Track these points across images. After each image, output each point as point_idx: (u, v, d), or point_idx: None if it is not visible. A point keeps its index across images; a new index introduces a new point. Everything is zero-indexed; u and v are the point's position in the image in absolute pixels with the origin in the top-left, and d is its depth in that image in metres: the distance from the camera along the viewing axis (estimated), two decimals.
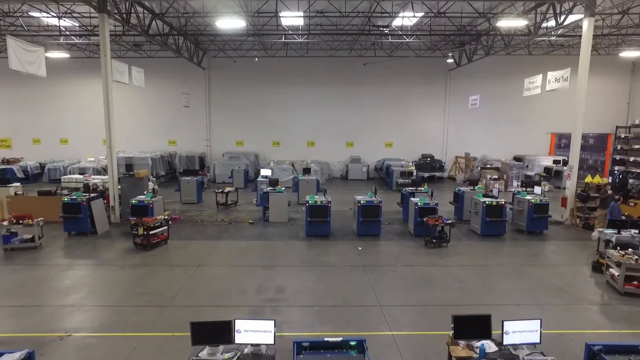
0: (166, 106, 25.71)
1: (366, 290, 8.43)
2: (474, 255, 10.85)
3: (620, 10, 15.83)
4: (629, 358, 4.11)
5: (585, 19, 13.43)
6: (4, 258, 10.30)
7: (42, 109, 25.82)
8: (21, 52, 10.00)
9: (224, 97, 25.95)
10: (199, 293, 8.19)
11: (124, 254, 10.72)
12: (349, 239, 12.23)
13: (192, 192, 17.37)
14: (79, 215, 11.99)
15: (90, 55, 24.25)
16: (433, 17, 17.22)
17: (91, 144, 25.69)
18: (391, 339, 6.51)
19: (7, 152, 26.04)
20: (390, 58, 24.28)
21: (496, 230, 12.64)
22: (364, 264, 10.04)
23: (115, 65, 14.11)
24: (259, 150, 26.30)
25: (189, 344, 4.77)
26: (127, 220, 12.86)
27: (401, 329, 6.85)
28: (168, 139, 26.55)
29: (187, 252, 10.99)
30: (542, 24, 16.31)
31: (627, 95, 26.45)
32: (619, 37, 20.53)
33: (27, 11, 16.28)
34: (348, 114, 25.98)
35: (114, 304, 7.72)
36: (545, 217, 12.92)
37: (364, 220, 12.31)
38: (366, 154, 26.15)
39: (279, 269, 9.65)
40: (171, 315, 7.29)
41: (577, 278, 9.32)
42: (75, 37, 20.09)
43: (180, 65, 24.20)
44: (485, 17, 17.45)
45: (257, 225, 13.88)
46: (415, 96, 25.94)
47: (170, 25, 18.87)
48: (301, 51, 24.34)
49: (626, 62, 25.38)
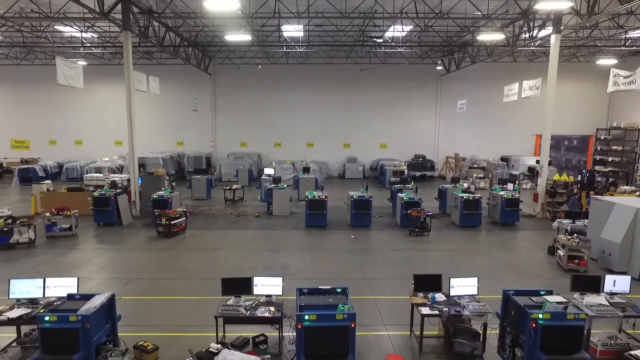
0: (174, 109, 27.45)
1: (356, 268, 10.18)
2: (450, 242, 12.60)
3: (588, 25, 17.57)
4: (529, 297, 5.84)
5: (552, 34, 15.18)
6: (47, 244, 12.05)
7: (58, 112, 27.57)
8: (66, 69, 11.75)
9: (229, 100, 27.69)
10: (217, 269, 9.92)
11: (149, 240, 12.48)
12: (343, 229, 13.98)
13: (202, 189, 19.10)
14: (107, 208, 13.74)
15: (104, 63, 25.96)
16: (420, 31, 18.96)
17: (104, 145, 27.53)
18: (373, 301, 8.26)
19: (25, 152, 27.82)
20: (385, 65, 26.05)
21: (473, 222, 14.39)
22: (355, 249, 11.79)
23: (136, 76, 15.82)
24: (261, 150, 28.05)
25: (213, 304, 6.48)
26: (148, 213, 14.61)
27: (381, 294, 8.60)
28: (176, 140, 28.30)
29: (203, 239, 12.74)
30: (518, 37, 18.07)
31: (607, 100, 28.20)
32: (594, 47, 22.27)
33: (53, 25, 17.98)
34: (345, 116, 27.72)
35: (150, 277, 9.47)
36: (516, 211, 14.66)
37: (357, 212, 14.06)
38: (362, 154, 27.90)
39: (282, 252, 11.39)
40: (197, 284, 9.04)
41: (534, 259, 11.06)
42: (94, 47, 21.75)
43: (187, 71, 25.93)
44: (468, 30, 19.21)
45: (262, 218, 15.62)
46: (408, 100, 27.68)
47: (181, 36, 20.61)
48: (301, 59, 26.09)
49: (606, 69, 27.05)
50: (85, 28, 18.07)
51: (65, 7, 14.78)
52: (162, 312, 7.70)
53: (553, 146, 31.03)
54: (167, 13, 15.90)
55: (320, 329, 5.16)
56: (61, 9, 14.73)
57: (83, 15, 16.03)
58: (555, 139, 30.61)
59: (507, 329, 5.88)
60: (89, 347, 5.22)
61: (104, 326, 5.68)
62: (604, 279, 6.63)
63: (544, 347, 5.21)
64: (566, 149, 30.50)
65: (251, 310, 6.22)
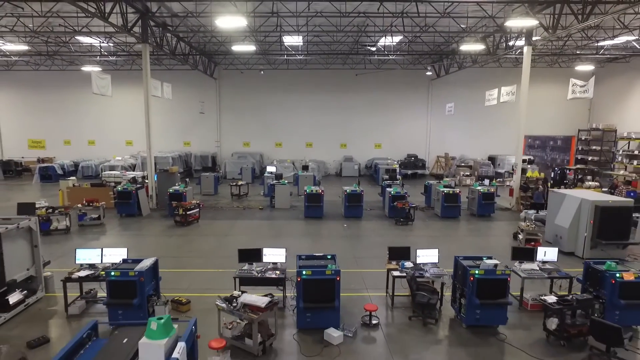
0: (182, 112, 29.27)
1: (347, 249, 12.02)
2: (430, 230, 14.44)
3: (556, 38, 19.41)
4: (472, 261, 7.65)
5: (525, 46, 17.01)
6: (79, 231, 13.88)
7: (72, 114, 29.40)
8: (98, 80, 13.58)
9: (233, 103, 29.53)
10: (229, 250, 11.72)
11: (167, 228, 14.31)
12: (338, 219, 15.82)
13: (210, 186, 20.93)
14: (130, 201, 15.57)
15: (117, 68, 27.77)
16: (409, 42, 20.80)
17: (115, 145, 29.37)
18: (359, 273, 10.10)
19: (41, 152, 29.64)
20: (379, 70, 27.90)
21: (453, 213, 16.22)
22: (347, 235, 13.64)
23: (152, 83, 17.62)
24: (263, 150, 29.90)
25: (229, 274, 8.28)
26: (164, 206, 16.44)
27: (366, 268, 10.44)
28: (183, 141, 30.13)
29: (214, 227, 14.57)
30: (497, 47, 19.92)
31: (588, 102, 30.02)
32: (572, 55, 24.10)
33: (74, 36, 19.78)
34: (342, 118, 29.56)
35: (173, 256, 11.29)
36: (491, 203, 16.50)
37: (349, 205, 15.91)
38: (358, 153, 29.74)
39: (284, 237, 13.22)
40: (214, 261, 10.87)
41: (499, 243, 12.90)
42: (110, 55, 23.55)
43: (194, 76, 27.74)
44: (454, 40, 21.05)
45: (266, 210, 17.46)
46: (401, 103, 29.51)
47: (191, 45, 22.43)
48: (300, 65, 27.92)
49: (587, 74, 28.91)
50: (106, 39, 19.87)
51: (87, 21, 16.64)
52: (188, 280, 9.54)
53: (539, 146, 33.03)
54: (181, 29, 17.72)
55: (314, 281, 7.00)
56: (87, 24, 16.55)
57: (104, 28, 17.93)
58: (541, 140, 32.57)
59: (456, 285, 7.73)
60: (142, 296, 7.05)
61: (151, 282, 7.51)
62: (537, 250, 8.48)
63: (479, 295, 7.05)
64: (551, 148, 32.42)
65: (261, 273, 8.06)
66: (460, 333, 7.30)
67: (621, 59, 25.96)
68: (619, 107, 27.15)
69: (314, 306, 7.03)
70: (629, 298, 7.11)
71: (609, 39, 19.59)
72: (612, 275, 7.20)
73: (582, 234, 11.25)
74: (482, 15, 16.32)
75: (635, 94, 25.61)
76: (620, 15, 16.19)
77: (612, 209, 10.91)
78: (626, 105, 26.40)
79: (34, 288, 8.15)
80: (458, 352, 6.70)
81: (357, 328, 7.31)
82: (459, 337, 7.18)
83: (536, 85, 28.16)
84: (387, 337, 7.15)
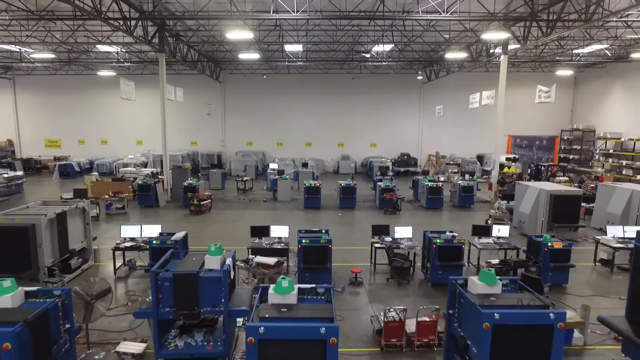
0: (189, 113, 31.23)
1: (340, 232, 13.99)
2: (414, 218, 16.42)
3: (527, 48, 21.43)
4: (437, 234, 9.62)
5: (501, 55, 19.00)
6: (107, 218, 15.86)
7: (87, 115, 31.36)
8: (124, 87, 15.55)
9: (237, 105, 31.52)
10: (239, 233, 13.69)
11: (183, 217, 16.29)
12: (334, 209, 17.80)
13: (217, 181, 22.91)
14: (149, 193, 17.55)
15: (130, 72, 29.74)
16: (399, 50, 22.81)
17: (126, 144, 31.35)
18: (349, 249, 12.08)
19: (57, 151, 31.61)
20: (374, 74, 29.90)
21: (436, 205, 18.20)
22: (342, 222, 15.62)
23: (166, 87, 19.59)
24: (265, 149, 31.89)
25: (243, 251, 10.24)
26: (178, 198, 18.41)
27: (355, 246, 12.43)
28: (190, 140, 32.12)
29: (225, 216, 16.55)
30: (479, 54, 21.92)
31: (570, 104, 32.04)
32: (551, 61, 26.11)
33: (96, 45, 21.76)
34: (339, 119, 31.55)
35: (192, 237, 13.21)
36: (471, 196, 18.47)
37: (344, 197, 17.89)
38: (354, 152, 31.74)
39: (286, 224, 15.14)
40: (228, 241, 12.84)
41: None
42: (125, 61, 25.54)
43: (201, 80, 29.72)
44: (440, 49, 23.05)
45: (269, 202, 19.43)
46: (395, 104, 31.50)
47: (200, 52, 24.42)
48: (300, 69, 29.91)
49: (570, 78, 30.96)
50: (124, 48, 21.85)
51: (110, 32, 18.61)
52: None
53: (527, 145, 35.01)
54: (193, 39, 19.70)
55: (311, 248, 8.97)
56: (110, 35, 18.54)
57: (123, 39, 19.91)
58: (528, 139, 34.56)
59: (424, 253, 9.72)
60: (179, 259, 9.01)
61: (183, 249, 9.47)
62: (492, 227, 10.47)
63: (440, 258, 9.04)
64: (537, 147, 34.42)
65: (269, 245, 10.04)
66: (426, 289, 9.28)
67: (598, 64, 27.95)
68: (597, 109, 29.14)
69: (311, 267, 9.01)
70: (557, 262, 9.10)
71: (581, 47, 21.60)
72: (545, 245, 9.19)
73: (540, 218, 13.24)
74: (461, 29, 18.31)
75: (612, 97, 27.59)
76: (587, 28, 18.20)
77: (564, 197, 12.91)
78: (604, 107, 28.39)
79: (86, 257, 10.12)
80: (423, 301, 8.67)
81: (345, 285, 9.30)
82: (425, 292, 9.16)
83: (522, 89, 30.24)
84: (368, 292, 9.13)
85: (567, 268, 9.22)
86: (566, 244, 9.24)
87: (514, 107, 29.35)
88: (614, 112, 27.48)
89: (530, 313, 3.98)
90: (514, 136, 33.18)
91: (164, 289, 4.96)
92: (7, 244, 7.93)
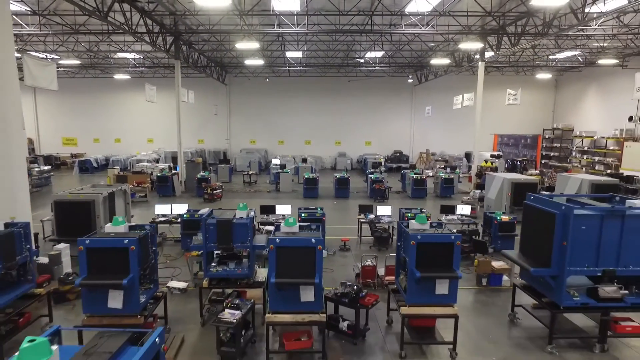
0: (196, 113, 33.57)
1: (334, 215, 16.35)
2: (400, 205, 18.77)
3: (514, 52, 23.82)
4: (410, 211, 11.95)
5: (479, 62, 21.37)
6: (132, 205, 18.18)
7: (101, 115, 33.73)
8: (149, 91, 17.85)
9: (241, 106, 33.89)
10: None
11: (198, 204, 18.64)
12: (329, 198, 20.17)
13: (225, 175, 25.27)
14: (167, 184, 19.92)
15: (142, 76, 32.12)
16: (390, 57, 25.21)
17: (138, 142, 33.71)
18: (341, 227, 14.45)
19: (73, 148, 33.98)
20: (368, 77, 32.28)
21: (420, 194, 20.56)
22: (336, 208, 17.99)
23: (181, 91, 21.95)
24: (267, 147, 34.27)
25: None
26: (192, 188, 20.78)
27: (346, 224, 14.79)
28: (197, 138, 34.48)
29: (234, 203, 18.80)
30: (462, 60, 24.32)
31: (552, 105, 34.40)
32: (531, 66, 28.50)
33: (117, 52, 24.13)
34: (336, 119, 33.94)
35: None
36: (451, 187, 20.84)
37: (339, 187, 20.27)
38: (350, 150, 34.12)
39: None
40: None
41: None
42: (140, 66, 27.92)
43: (207, 82, 32.09)
44: (427, 55, 25.44)
45: (272, 193, 21.80)
46: (388, 105, 33.89)
47: (208, 57, 26.81)
48: (300, 73, 32.30)
49: (551, 80, 33.34)
50: (142, 55, 24.24)
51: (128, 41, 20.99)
52: None
53: (514, 144, 37.44)
54: (205, 48, 22.07)
55: (309, 220, 11.31)
56: (132, 44, 20.92)
57: (141, 47, 22.28)
58: (514, 138, 36.98)
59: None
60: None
61: None
62: (456, 207, 12.84)
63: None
64: (523, 145, 36.83)
65: (275, 220, 12.40)
66: None
67: (575, 69, 30.33)
68: (576, 109, 31.51)
69: None
70: (504, 232, 11.48)
71: (553, 54, 23.98)
72: (495, 218, 11.56)
73: (504, 202, 15.61)
74: (441, 40, 20.70)
75: (588, 98, 29.96)
76: (556, 38, 20.56)
77: (523, 185, 15.28)
78: (581, 108, 30.76)
79: None
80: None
81: (335, 250, 11.67)
82: None
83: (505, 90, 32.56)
84: (354, 255, 11.51)
85: (513, 237, 11.59)
86: (512, 218, 11.60)
87: (500, 108, 31.64)
88: (590, 113, 29.86)
89: (439, 235, 6.35)
90: (500, 135, 35.56)
91: (210, 231, 7.35)
92: (74, 214, 10.31)
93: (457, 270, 6.17)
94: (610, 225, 6.24)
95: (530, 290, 7.21)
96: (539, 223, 6.77)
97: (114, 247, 6.00)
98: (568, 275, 6.29)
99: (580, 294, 6.42)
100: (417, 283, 6.23)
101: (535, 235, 6.93)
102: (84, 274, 5.97)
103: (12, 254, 6.41)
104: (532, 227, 7.08)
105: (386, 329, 7.47)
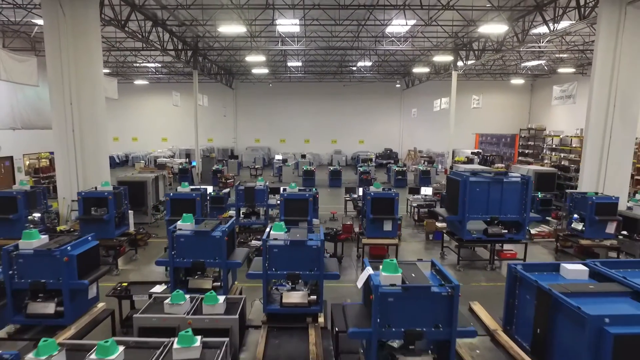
0: (206, 114, 37.18)
1: (328, 198, 19.99)
2: None
3: (483, 63, 27.50)
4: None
5: (452, 71, 25.01)
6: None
7: (120, 116, 37.35)
8: (174, 97, 21.47)
9: (246, 108, 37.58)
10: None
11: None
12: (325, 188, 23.80)
13: (234, 168, 28.92)
14: (187, 175, 23.58)
15: (158, 81, 35.78)
16: (378, 66, 28.90)
17: (153, 141, 37.36)
18: (333, 206, 18.10)
19: None
20: (361, 82, 35.95)
21: (401, 184, 24.17)
22: (329, 194, 21.64)
23: (198, 96, 25.60)
24: (270, 145, 37.95)
25: None
26: (207, 179, 24.41)
27: (336, 205, 18.43)
28: (207, 138, 38.12)
29: None
30: (441, 69, 28.00)
31: (528, 107, 38.04)
32: (506, 73, 32.16)
33: (142, 62, 27.76)
34: (333, 120, 37.61)
35: None
36: (428, 178, 24.44)
37: (332, 178, 23.93)
38: (345, 148, 37.79)
39: None
40: None
41: None
42: (158, 72, 31.59)
43: (217, 86, 35.72)
44: (412, 64, 29.11)
45: (275, 183, 25.38)
46: (379, 107, 37.55)
47: (219, 66, 30.48)
48: (300, 78, 35.97)
49: (527, 85, 36.99)
50: (162, 64, 27.92)
51: (155, 55, 24.63)
52: None
53: (495, 142, 41.04)
54: (220, 59, 25.74)
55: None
56: (157, 57, 24.58)
57: (162, 58, 25.94)
58: (496, 137, 40.59)
59: None
60: (225, 204, 15.02)
61: (228, 199, 15.46)
62: (421, 188, 16.50)
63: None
64: (503, 144, 40.43)
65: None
66: None
67: (545, 75, 33.98)
68: (547, 111, 35.16)
69: None
70: None
71: (521, 63, 27.63)
72: None
73: None
74: (419, 53, 24.37)
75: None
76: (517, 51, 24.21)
77: None
78: (552, 110, 34.39)
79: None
80: None
81: (326, 220, 15.33)
82: None
83: (485, 94, 36.20)
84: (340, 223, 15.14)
85: None
86: None
87: (480, 110, 35.21)
88: (558, 114, 33.52)
89: (386, 193, 10.01)
90: (481, 134, 39.18)
91: (239, 194, 11.01)
92: (132, 192, 13.94)
93: (396, 215, 9.82)
94: (494, 188, 9.88)
95: (450, 234, 10.88)
96: (453, 188, 10.43)
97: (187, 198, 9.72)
98: (468, 220, 9.93)
99: (477, 233, 10.07)
100: (372, 223, 9.89)
101: (451, 196, 10.59)
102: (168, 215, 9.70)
103: (121, 205, 10.08)
104: (450, 191, 10.74)
105: (355, 259, 11.13)
